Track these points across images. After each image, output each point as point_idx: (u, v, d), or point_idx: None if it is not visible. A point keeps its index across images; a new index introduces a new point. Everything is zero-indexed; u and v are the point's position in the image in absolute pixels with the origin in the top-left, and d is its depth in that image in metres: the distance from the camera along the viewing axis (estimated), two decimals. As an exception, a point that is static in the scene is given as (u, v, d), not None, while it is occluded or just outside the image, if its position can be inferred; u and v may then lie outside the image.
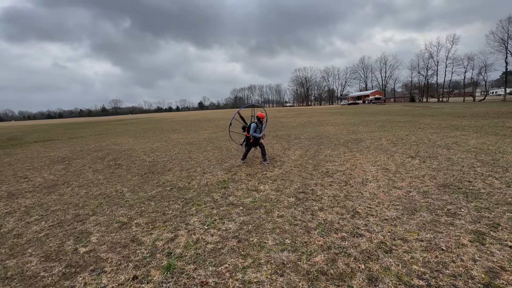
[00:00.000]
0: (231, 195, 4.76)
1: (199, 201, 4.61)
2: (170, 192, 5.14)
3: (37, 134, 21.31)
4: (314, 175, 5.65)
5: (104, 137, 16.37)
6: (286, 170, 6.02)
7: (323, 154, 7.13)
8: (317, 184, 5.05)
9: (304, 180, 5.32)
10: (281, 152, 7.62)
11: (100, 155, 9.65)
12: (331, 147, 8.11)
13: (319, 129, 14.54)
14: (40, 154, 10.49)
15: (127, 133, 18.51)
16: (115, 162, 8.10)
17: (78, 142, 14.39)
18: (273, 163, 6.42)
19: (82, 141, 14.78)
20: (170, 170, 6.69)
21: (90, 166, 7.71)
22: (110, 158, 8.73)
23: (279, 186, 4.85)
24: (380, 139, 9.49)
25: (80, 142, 14.34)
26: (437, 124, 13.91)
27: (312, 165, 6.40)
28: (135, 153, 9.58)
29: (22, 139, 17.34)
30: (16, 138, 18.36)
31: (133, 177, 6.32)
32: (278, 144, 9.18)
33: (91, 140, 15.31)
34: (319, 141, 9.33)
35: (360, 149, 7.87)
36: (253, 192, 4.67)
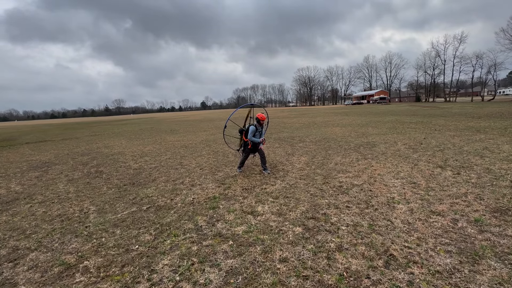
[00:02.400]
0: (221, 219, 3.77)
1: (178, 229, 3.59)
2: (146, 213, 4.14)
3: (33, 134, 20.81)
4: (325, 191, 4.66)
5: (98, 139, 15.63)
6: (291, 183, 5.09)
7: (332, 162, 6.60)
8: (330, 205, 4.05)
9: (313, 198, 4.35)
10: (284, 158, 7.11)
11: (85, 159, 8.80)
12: (341, 152, 7.57)
13: (325, 130, 13.87)
14: (23, 157, 9.75)
15: (123, 134, 17.82)
16: (97, 169, 7.24)
17: (70, 144, 13.65)
18: (274, 172, 5.91)
19: (74, 143, 14.02)
20: (155, 180, 5.80)
21: (67, 174, 6.86)
22: (93, 164, 7.88)
23: (282, 207, 3.94)
24: (395, 143, 8.57)
25: (72, 144, 13.59)
26: (453, 125, 12.85)
27: (321, 176, 5.47)
28: (123, 157, 8.77)
29: (16, 140, 16.77)
30: (10, 139, 17.77)
31: (109, 189, 5.36)
32: (281, 148, 8.82)
33: (83, 141, 14.58)
34: (326, 145, 8.93)
35: (375, 155, 7.07)
36: (248, 216, 3.68)
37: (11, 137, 19.04)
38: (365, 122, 17.27)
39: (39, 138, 17.52)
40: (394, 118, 18.99)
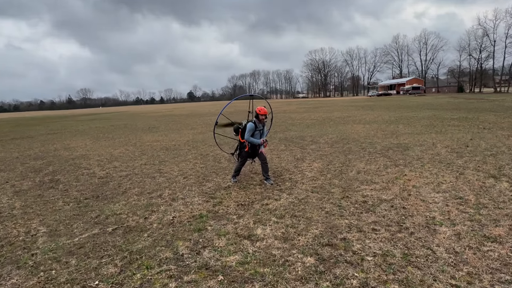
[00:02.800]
0: (208, 246, 3.66)
1: (152, 258, 3.47)
2: (111, 236, 4.02)
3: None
4: (344, 207, 4.58)
5: (56, 138, 15.63)
6: (300, 198, 5.02)
7: (354, 169, 6.62)
8: (351, 227, 3.93)
9: (328, 217, 4.25)
10: (292, 164, 7.28)
11: (39, 164, 8.77)
12: (365, 157, 7.74)
13: (343, 128, 13.96)
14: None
15: (88, 133, 17.85)
16: (52, 177, 7.18)
17: (21, 145, 13.64)
18: (279, 183, 5.88)
19: (26, 144, 14.01)
20: (125, 193, 5.74)
21: (13, 183, 6.79)
22: (48, 171, 7.84)
23: (289, 229, 3.90)
24: (434, 146, 8.52)
25: (24, 145, 13.58)
26: (507, 123, 12.83)
27: (339, 188, 5.41)
28: (87, 162, 8.74)
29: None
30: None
31: (65, 204, 5.27)
32: (288, 151, 9.05)
33: (38, 142, 14.57)
34: (345, 148, 9.16)
35: (409, 161, 7.08)
36: (244, 241, 3.60)
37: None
38: (394, 118, 17.31)
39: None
40: (431, 113, 19.03)
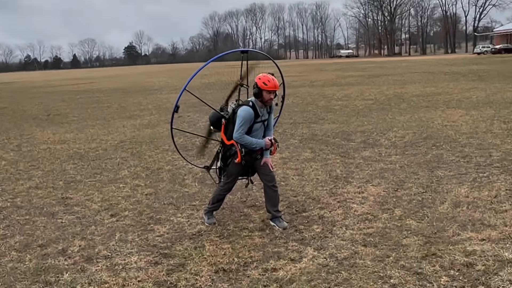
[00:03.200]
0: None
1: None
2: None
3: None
4: (429, 278, 4.59)
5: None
6: (340, 257, 5.05)
7: (448, 199, 6.67)
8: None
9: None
10: (324, 188, 7.56)
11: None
12: (469, 174, 7.88)
13: (426, 117, 14.12)
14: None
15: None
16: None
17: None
18: (299, 225, 5.92)
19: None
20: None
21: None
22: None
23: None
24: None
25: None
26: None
27: (418, 237, 5.42)
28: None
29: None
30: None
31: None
32: (317, 162, 9.36)
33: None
34: (431, 156, 9.30)
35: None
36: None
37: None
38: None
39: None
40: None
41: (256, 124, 5.68)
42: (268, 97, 5.54)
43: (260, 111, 5.65)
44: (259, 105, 5.63)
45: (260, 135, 5.80)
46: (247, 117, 5.54)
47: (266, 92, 5.51)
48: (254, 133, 5.71)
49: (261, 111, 5.68)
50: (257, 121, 5.68)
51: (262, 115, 5.72)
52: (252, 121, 5.60)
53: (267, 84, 5.48)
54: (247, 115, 5.55)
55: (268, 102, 5.62)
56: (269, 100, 5.57)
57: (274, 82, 5.51)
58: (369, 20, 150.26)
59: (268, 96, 5.54)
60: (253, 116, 5.58)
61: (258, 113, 5.64)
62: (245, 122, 5.56)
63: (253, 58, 6.23)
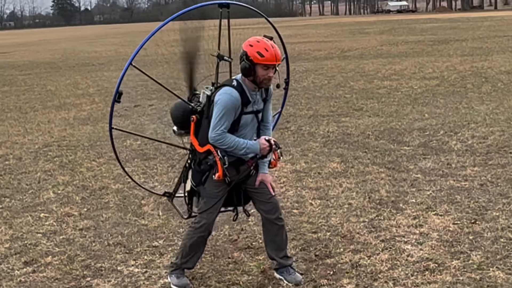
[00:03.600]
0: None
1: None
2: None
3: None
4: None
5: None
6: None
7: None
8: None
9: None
10: (360, 218, 7.56)
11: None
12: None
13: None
14: None
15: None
16: None
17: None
18: (324, 280, 5.84)
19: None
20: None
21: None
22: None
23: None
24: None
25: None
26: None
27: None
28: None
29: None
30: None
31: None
32: (349, 176, 9.52)
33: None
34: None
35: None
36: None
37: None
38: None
39: None
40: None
41: (245, 116, 5.48)
42: (265, 75, 5.28)
43: (251, 96, 5.48)
44: (249, 86, 5.43)
45: (251, 134, 5.63)
46: (229, 104, 5.31)
47: (261, 68, 5.25)
48: (243, 131, 5.53)
49: (253, 97, 5.50)
50: (247, 112, 5.48)
51: (255, 102, 5.53)
52: (238, 111, 5.39)
53: (264, 55, 5.21)
54: (230, 101, 5.31)
55: (264, 83, 5.37)
56: (266, 79, 5.32)
57: (274, 50, 5.25)
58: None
59: (264, 74, 5.28)
60: (240, 103, 5.38)
61: (248, 99, 5.46)
62: (226, 113, 5.31)
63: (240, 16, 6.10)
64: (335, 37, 45.37)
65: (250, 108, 5.49)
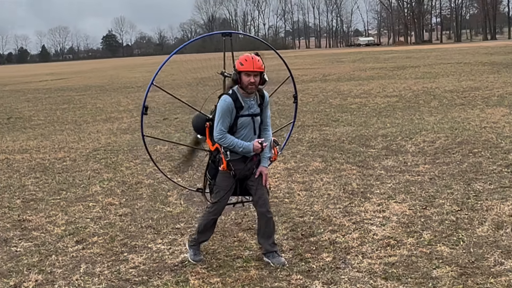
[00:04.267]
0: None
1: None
2: None
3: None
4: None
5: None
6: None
7: (488, 219, 6.60)
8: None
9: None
10: (337, 206, 7.55)
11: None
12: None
13: (461, 118, 14.12)
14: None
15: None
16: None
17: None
18: (306, 254, 5.84)
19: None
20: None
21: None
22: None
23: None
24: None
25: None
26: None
27: (453, 267, 5.36)
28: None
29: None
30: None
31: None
32: (329, 173, 9.43)
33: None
34: (467, 165, 9.33)
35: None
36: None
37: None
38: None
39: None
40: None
41: (242, 118, 5.43)
42: (247, 81, 5.25)
43: (244, 101, 5.42)
44: (242, 94, 5.40)
45: (250, 134, 5.54)
46: (224, 108, 5.30)
47: (244, 75, 5.25)
48: (241, 131, 5.48)
49: (246, 102, 5.42)
50: (243, 115, 5.42)
51: (250, 107, 5.45)
52: (233, 113, 5.36)
53: (243, 64, 5.23)
54: (225, 105, 5.29)
55: (248, 88, 5.31)
56: (249, 85, 5.27)
57: (252, 61, 5.22)
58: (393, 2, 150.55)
59: (247, 80, 5.25)
60: (233, 107, 5.34)
61: (241, 104, 5.40)
62: (223, 115, 5.32)
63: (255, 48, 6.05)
64: (317, 65, 45.33)
65: (246, 111, 5.46)
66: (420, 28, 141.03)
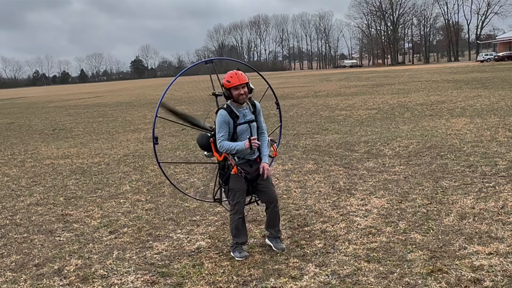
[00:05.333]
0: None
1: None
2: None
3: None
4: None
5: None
6: (343, 274, 4.98)
7: (453, 211, 6.58)
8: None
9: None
10: (327, 201, 7.53)
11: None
12: (475, 184, 7.80)
13: (430, 126, 14.07)
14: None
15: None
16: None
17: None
18: (300, 241, 5.83)
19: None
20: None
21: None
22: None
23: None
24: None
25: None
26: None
27: (424, 252, 5.39)
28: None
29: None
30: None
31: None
32: (320, 173, 9.38)
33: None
34: (435, 166, 9.26)
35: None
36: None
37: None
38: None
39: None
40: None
41: (239, 127, 5.35)
42: (237, 94, 5.22)
43: (238, 111, 5.35)
44: (235, 105, 5.35)
45: (245, 136, 5.43)
46: (221, 120, 5.27)
47: (233, 89, 5.23)
48: (242, 136, 5.39)
49: (240, 111, 5.36)
50: (240, 123, 5.35)
51: (245, 115, 5.39)
52: (230, 123, 5.30)
53: (230, 81, 5.22)
54: (221, 118, 5.27)
55: (240, 99, 5.27)
56: (240, 96, 5.24)
57: (237, 76, 5.21)
58: (372, 30, 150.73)
59: (237, 93, 5.23)
60: (230, 117, 5.30)
61: (236, 114, 5.35)
62: (221, 126, 5.28)
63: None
64: (310, 83, 45.18)
65: (242, 120, 5.40)
66: (395, 52, 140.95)
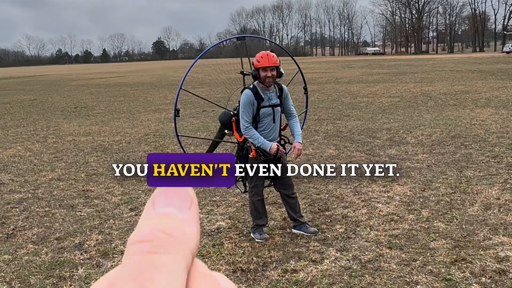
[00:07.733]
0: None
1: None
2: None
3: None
4: (458, 285, 4.27)
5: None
6: (364, 259, 4.94)
7: (478, 201, 6.47)
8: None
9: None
10: (348, 187, 7.41)
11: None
12: (500, 174, 7.64)
13: (454, 116, 13.84)
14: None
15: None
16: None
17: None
18: (321, 225, 5.80)
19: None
20: (12, 237, 6.04)
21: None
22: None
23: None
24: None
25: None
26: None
27: (447, 240, 5.37)
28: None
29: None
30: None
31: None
32: (340, 158, 9.30)
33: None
34: (460, 155, 9.12)
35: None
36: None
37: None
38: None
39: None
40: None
41: (263, 109, 5.26)
42: (264, 75, 5.13)
43: (263, 94, 5.26)
44: (261, 87, 5.26)
45: (271, 123, 5.35)
46: (246, 100, 5.19)
47: (261, 70, 5.15)
48: (264, 120, 5.30)
49: (266, 94, 5.27)
50: (264, 106, 5.27)
51: (270, 98, 5.30)
52: (254, 105, 5.22)
53: (260, 61, 5.14)
54: (246, 98, 5.19)
55: (266, 82, 5.18)
56: (266, 79, 5.14)
57: (267, 57, 5.12)
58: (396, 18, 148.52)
59: (264, 75, 5.13)
60: (254, 99, 5.21)
61: (262, 96, 5.25)
62: (245, 107, 5.20)
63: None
64: (331, 69, 44.86)
65: (267, 103, 5.29)
66: (419, 40, 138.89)
